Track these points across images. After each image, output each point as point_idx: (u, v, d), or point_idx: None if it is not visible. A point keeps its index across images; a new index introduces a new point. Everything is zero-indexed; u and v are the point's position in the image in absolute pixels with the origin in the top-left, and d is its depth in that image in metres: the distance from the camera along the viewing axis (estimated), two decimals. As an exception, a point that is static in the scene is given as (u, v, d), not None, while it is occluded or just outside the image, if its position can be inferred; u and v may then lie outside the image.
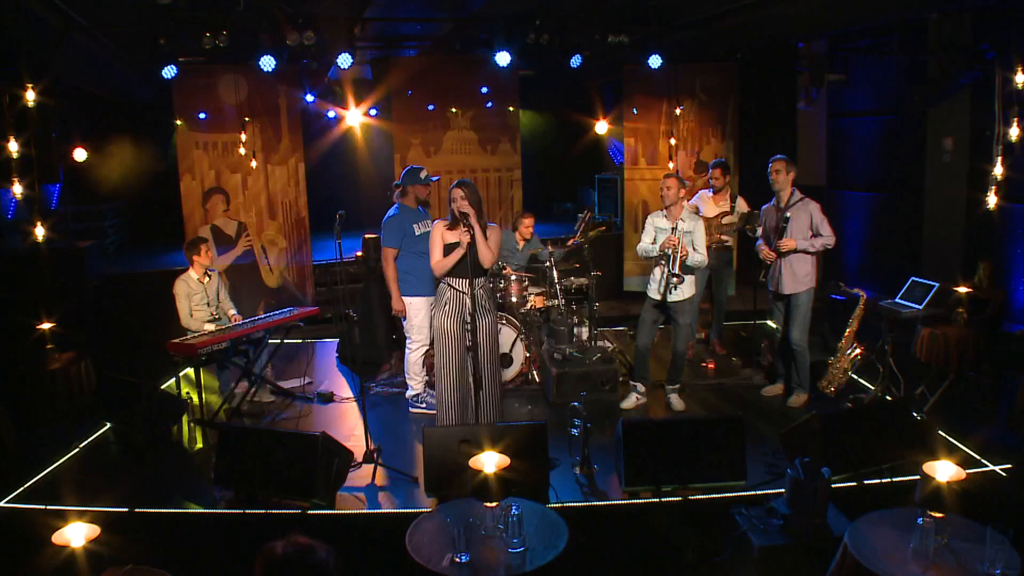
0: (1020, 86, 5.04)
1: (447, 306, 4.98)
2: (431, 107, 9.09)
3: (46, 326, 6.09)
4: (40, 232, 5.71)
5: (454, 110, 9.12)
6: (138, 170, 10.34)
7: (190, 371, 6.29)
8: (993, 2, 6.16)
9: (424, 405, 5.98)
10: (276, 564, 2.08)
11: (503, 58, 7.72)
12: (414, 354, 5.90)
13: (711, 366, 6.82)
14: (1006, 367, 5.94)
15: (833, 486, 3.72)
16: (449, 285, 4.99)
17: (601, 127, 12.73)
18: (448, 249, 4.91)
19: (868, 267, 8.74)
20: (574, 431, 4.89)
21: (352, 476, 4.70)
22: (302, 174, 8.68)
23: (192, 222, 8.23)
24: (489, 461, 3.10)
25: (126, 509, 4.50)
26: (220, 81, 8.08)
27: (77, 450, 5.57)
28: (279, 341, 6.51)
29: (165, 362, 6.66)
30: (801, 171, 6.50)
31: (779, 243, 5.61)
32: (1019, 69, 5.02)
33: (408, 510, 4.40)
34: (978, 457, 4.90)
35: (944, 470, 2.97)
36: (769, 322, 7.61)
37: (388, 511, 4.48)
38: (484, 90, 9.19)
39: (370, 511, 4.47)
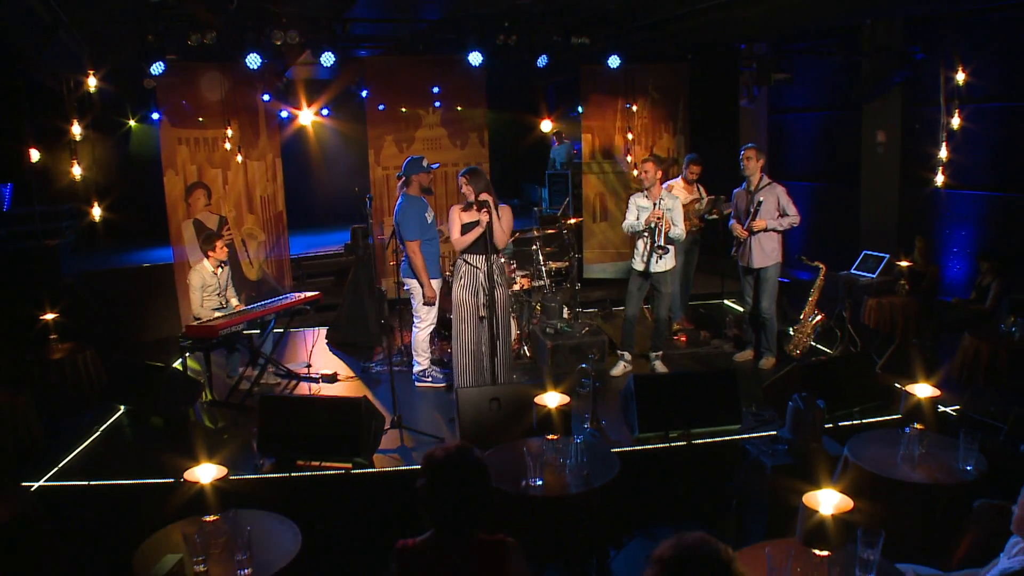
0: (961, 83, 5.90)
1: (463, 279, 5.45)
2: (381, 107, 9.30)
3: (49, 316, 6.22)
4: (97, 212, 5.81)
5: (404, 109, 9.38)
6: (94, 170, 10.34)
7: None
8: (922, 10, 7.03)
9: (430, 379, 6.40)
10: (440, 463, 2.42)
11: (475, 58, 8.18)
12: (422, 332, 6.29)
13: (683, 339, 7.46)
14: (943, 332, 6.81)
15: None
16: (466, 261, 5.44)
17: (546, 126, 13.35)
18: (466, 228, 5.36)
19: (811, 251, 9.55)
20: (582, 390, 5.42)
21: (382, 440, 5.08)
22: (279, 169, 8.92)
23: (175, 216, 8.36)
24: (552, 399, 3.59)
25: (172, 480, 4.75)
26: (201, 78, 8.24)
27: (98, 433, 5.76)
28: (283, 330, 6.81)
29: (154, 352, 6.92)
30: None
31: (751, 223, 6.27)
32: (960, 68, 5.88)
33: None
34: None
35: (922, 390, 3.65)
36: (727, 302, 8.34)
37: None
38: (435, 90, 9.47)
39: (409, 467, 4.88)
